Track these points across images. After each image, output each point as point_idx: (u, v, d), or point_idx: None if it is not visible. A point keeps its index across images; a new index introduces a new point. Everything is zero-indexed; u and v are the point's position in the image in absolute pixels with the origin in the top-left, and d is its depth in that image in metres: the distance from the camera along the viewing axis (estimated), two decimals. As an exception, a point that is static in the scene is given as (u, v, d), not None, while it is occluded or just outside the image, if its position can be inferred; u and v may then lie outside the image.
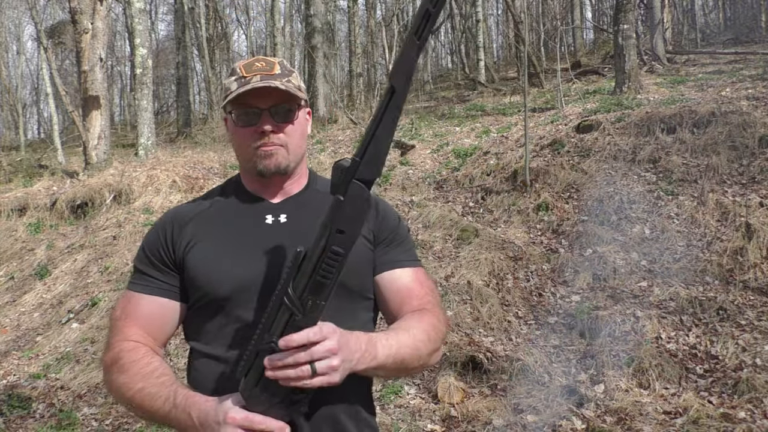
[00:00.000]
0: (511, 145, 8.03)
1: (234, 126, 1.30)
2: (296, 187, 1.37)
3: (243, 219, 1.32)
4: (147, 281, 1.31)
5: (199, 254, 1.28)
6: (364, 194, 1.06)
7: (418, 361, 1.24)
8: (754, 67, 10.16)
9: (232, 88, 1.27)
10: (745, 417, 3.53)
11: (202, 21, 17.44)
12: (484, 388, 4.19)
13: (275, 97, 1.25)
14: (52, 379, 4.90)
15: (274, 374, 1.06)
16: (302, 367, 1.04)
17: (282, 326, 1.07)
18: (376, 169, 1.06)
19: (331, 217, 1.06)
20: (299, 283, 1.07)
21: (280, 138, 1.28)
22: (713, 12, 20.87)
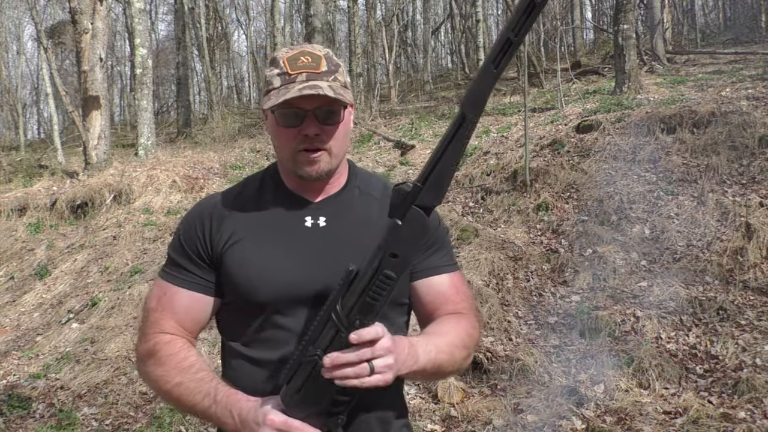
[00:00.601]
0: (511, 145, 8.03)
1: (276, 125, 1.24)
2: (336, 185, 1.31)
3: (282, 220, 1.28)
4: (183, 274, 1.28)
5: (239, 255, 1.25)
6: (422, 221, 1.04)
7: (452, 366, 1.25)
8: (754, 67, 10.16)
9: (275, 84, 1.21)
10: (745, 417, 3.53)
11: (202, 21, 17.45)
12: (484, 388, 4.19)
13: (321, 99, 1.19)
14: (52, 379, 4.90)
15: (332, 374, 1.06)
16: (362, 365, 1.05)
17: (327, 341, 1.09)
18: (438, 196, 1.04)
19: (386, 241, 1.05)
20: (348, 301, 1.07)
21: (324, 141, 1.22)
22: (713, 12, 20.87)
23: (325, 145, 1.22)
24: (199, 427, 4.04)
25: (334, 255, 1.22)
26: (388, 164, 8.87)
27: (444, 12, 24.61)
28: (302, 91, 1.16)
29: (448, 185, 1.05)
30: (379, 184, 1.37)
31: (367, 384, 1.06)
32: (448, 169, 1.03)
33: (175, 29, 17.88)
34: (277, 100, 1.17)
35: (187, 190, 8.66)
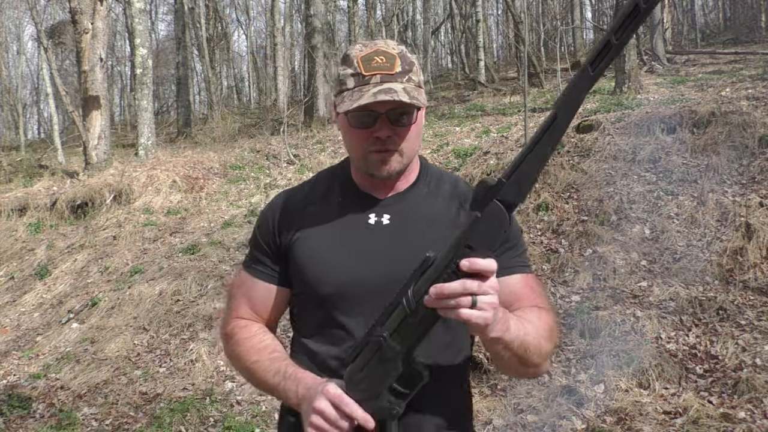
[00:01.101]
0: (511, 145, 8.03)
1: (348, 125, 1.24)
2: (405, 182, 1.32)
3: (347, 216, 1.30)
4: (260, 266, 1.35)
5: (304, 248, 1.29)
6: (501, 216, 1.03)
7: (538, 357, 1.19)
8: (754, 67, 10.17)
9: (348, 84, 1.21)
10: (745, 417, 3.53)
11: (202, 21, 17.45)
12: (484, 388, 4.19)
13: (395, 102, 1.17)
14: (52, 379, 4.90)
15: (433, 301, 1.02)
16: (466, 297, 1.00)
17: (395, 324, 1.09)
18: (521, 193, 1.02)
19: (465, 232, 1.04)
20: (420, 287, 1.07)
21: (396, 143, 1.22)
22: (713, 12, 20.87)
23: (397, 147, 1.22)
24: (199, 427, 4.04)
25: (395, 253, 1.23)
26: (388, 164, 8.86)
27: (444, 12, 24.61)
28: (377, 96, 1.16)
29: (533, 185, 1.05)
30: (449, 182, 1.37)
31: (465, 317, 1.01)
32: (533, 169, 1.02)
33: (175, 29, 17.88)
34: (352, 104, 1.18)
35: (187, 190, 8.66)
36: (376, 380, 1.12)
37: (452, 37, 22.15)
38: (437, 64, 24.99)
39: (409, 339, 1.08)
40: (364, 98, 1.16)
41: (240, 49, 30.96)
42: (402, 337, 1.09)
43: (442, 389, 1.25)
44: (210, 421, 4.11)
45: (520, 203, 1.05)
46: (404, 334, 1.08)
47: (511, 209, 1.04)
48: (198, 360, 4.83)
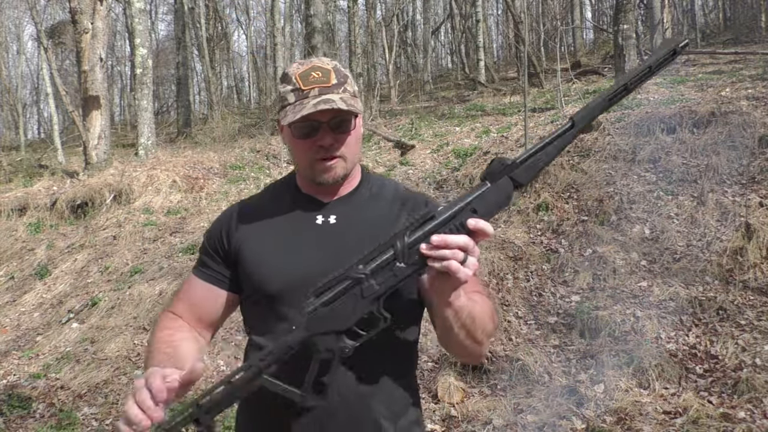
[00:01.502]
0: (511, 145, 8.03)
1: (292, 137, 1.33)
2: (348, 187, 1.41)
3: (294, 218, 1.38)
4: (204, 269, 1.43)
5: (252, 251, 1.36)
6: (509, 191, 1.13)
7: (482, 334, 1.25)
8: (754, 67, 10.16)
9: (290, 99, 1.29)
10: (745, 417, 3.53)
11: (202, 21, 17.45)
12: (484, 388, 4.19)
13: (334, 111, 1.27)
14: (52, 379, 4.90)
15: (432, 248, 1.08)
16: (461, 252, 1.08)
17: (379, 265, 1.12)
18: (529, 178, 1.13)
19: (473, 196, 1.12)
20: (415, 236, 1.11)
21: (339, 150, 1.31)
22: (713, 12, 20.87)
23: (339, 153, 1.31)
24: (199, 427, 4.03)
25: (342, 249, 1.28)
26: (388, 164, 8.86)
27: (444, 12, 24.61)
28: (317, 107, 1.24)
29: (539, 174, 1.16)
30: (390, 187, 1.46)
31: (455, 269, 1.08)
32: (544, 160, 1.13)
33: (175, 29, 17.88)
34: (295, 116, 1.26)
35: (187, 190, 8.66)
36: (343, 317, 1.13)
37: (452, 37, 22.14)
38: (437, 64, 24.99)
39: (387, 282, 1.11)
40: (306, 109, 1.25)
41: (240, 49, 30.98)
42: (382, 280, 1.11)
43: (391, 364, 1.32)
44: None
45: (524, 186, 1.15)
46: (385, 277, 1.11)
47: (517, 189, 1.14)
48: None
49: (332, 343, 1.14)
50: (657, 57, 1.13)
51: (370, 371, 1.29)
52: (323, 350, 1.14)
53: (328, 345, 1.14)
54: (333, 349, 1.14)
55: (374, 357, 1.27)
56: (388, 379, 1.32)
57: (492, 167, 1.13)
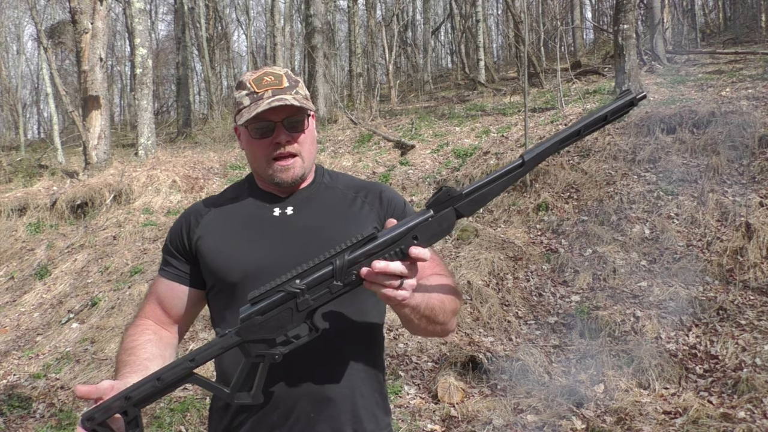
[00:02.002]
0: (511, 145, 8.02)
1: (250, 138, 1.38)
2: (304, 183, 1.47)
3: (252, 212, 1.43)
4: (168, 268, 1.47)
5: (211, 244, 1.40)
6: (451, 222, 1.16)
7: (444, 316, 1.29)
8: (754, 67, 10.16)
9: (245, 103, 1.35)
10: (745, 417, 3.53)
11: (202, 21, 17.44)
12: (484, 388, 4.19)
13: (287, 110, 1.35)
14: (52, 379, 4.90)
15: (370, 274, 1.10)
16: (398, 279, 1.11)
17: (317, 281, 1.14)
18: (472, 210, 1.17)
19: (416, 223, 1.15)
20: (355, 256, 1.14)
21: (294, 147, 1.37)
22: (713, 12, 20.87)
23: (296, 151, 1.38)
24: (199, 427, 4.04)
25: (300, 238, 1.35)
26: (388, 164, 8.86)
27: (444, 12, 24.61)
28: (271, 104, 1.31)
29: (481, 207, 1.19)
30: (344, 180, 1.53)
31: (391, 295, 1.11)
32: (490, 196, 1.17)
33: (175, 29, 17.88)
34: (250, 114, 1.32)
35: (187, 190, 8.66)
36: (275, 327, 1.16)
37: (452, 37, 22.15)
38: (437, 64, 24.98)
39: (322, 298, 1.15)
40: (260, 107, 1.31)
41: (240, 49, 30.98)
42: (317, 295, 1.15)
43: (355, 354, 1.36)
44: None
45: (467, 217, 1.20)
46: (320, 293, 1.14)
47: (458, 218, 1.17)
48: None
49: (263, 348, 1.17)
50: (615, 106, 1.17)
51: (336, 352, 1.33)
52: (254, 355, 1.17)
53: (259, 350, 1.17)
54: (264, 355, 1.17)
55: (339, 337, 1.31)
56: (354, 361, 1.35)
57: (438, 197, 1.16)
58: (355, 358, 1.35)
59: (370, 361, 1.39)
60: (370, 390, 1.38)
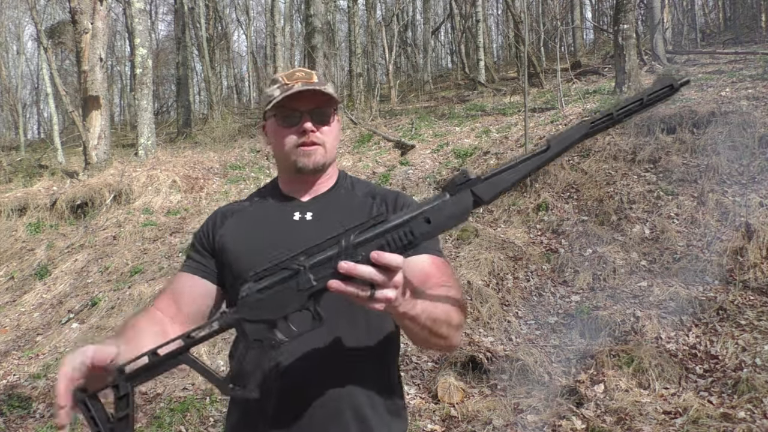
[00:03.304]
0: (511, 145, 8.03)
1: (277, 127, 1.44)
2: (325, 186, 1.50)
3: (274, 216, 1.47)
4: (189, 262, 1.51)
5: (232, 245, 1.44)
6: (468, 205, 1.08)
7: (447, 329, 1.25)
8: (754, 67, 10.16)
9: (276, 94, 1.41)
10: (745, 417, 3.53)
11: (202, 21, 17.44)
12: (484, 388, 4.19)
13: (315, 102, 1.41)
14: (52, 379, 4.90)
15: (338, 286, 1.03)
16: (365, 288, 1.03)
17: (322, 260, 1.07)
18: (491, 195, 1.08)
19: (431, 207, 1.08)
20: (363, 236, 1.07)
21: (319, 137, 1.42)
22: (713, 12, 20.87)
23: (320, 140, 1.42)
24: (199, 427, 4.04)
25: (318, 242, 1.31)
26: (388, 164, 8.86)
27: (444, 12, 24.61)
28: (300, 89, 1.37)
29: (502, 194, 1.10)
30: (364, 187, 1.55)
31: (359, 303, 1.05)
32: (510, 180, 1.09)
33: (175, 29, 17.88)
34: (281, 96, 1.38)
35: (187, 190, 8.66)
36: (276, 307, 1.10)
37: (452, 37, 22.15)
38: (437, 64, 24.98)
39: (326, 279, 1.06)
40: (291, 91, 1.37)
41: (240, 49, 30.98)
42: (321, 276, 1.07)
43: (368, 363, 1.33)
44: (210, 421, 4.11)
45: (485, 204, 1.09)
46: (325, 273, 1.06)
47: (477, 205, 1.09)
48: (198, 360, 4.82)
49: (262, 332, 1.10)
50: (652, 90, 1.07)
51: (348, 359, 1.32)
52: (251, 338, 1.11)
53: (257, 334, 1.10)
54: (261, 339, 1.10)
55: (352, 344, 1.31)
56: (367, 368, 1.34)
57: (455, 179, 1.09)
58: (369, 367, 1.34)
59: (384, 369, 1.38)
60: (383, 399, 1.36)
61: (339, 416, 1.30)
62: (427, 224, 1.07)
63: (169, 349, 1.13)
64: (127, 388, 1.12)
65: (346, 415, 1.31)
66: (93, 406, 1.14)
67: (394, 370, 1.43)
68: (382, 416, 1.35)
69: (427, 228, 1.07)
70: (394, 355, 1.44)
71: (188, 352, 1.14)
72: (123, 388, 1.12)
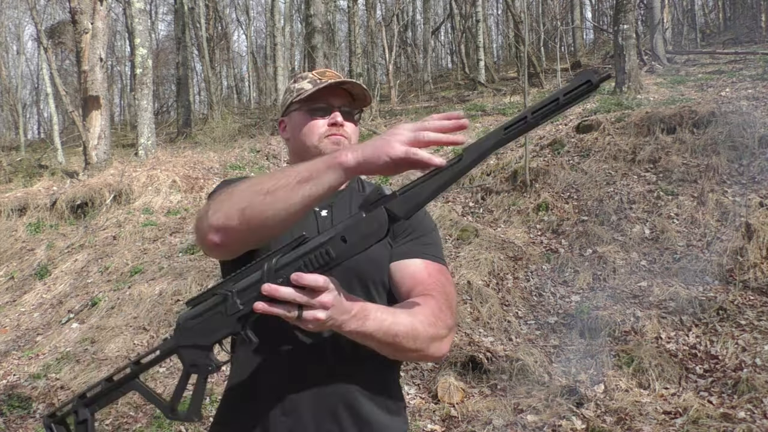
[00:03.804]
0: (510, 145, 8.03)
1: (304, 116, 1.44)
2: None
3: None
4: None
5: None
6: (382, 222, 1.07)
7: (415, 343, 1.21)
8: (754, 67, 10.16)
9: (307, 87, 1.43)
10: (745, 417, 3.53)
11: (202, 21, 17.44)
12: (484, 388, 4.19)
13: (345, 99, 1.45)
14: (52, 379, 4.90)
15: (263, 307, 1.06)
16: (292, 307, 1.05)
17: (246, 285, 1.11)
18: (408, 211, 1.07)
19: (345, 225, 1.09)
20: (285, 259, 1.10)
21: (347, 131, 1.44)
22: (713, 12, 20.87)
23: (347, 135, 1.44)
24: (199, 428, 4.04)
25: None
26: (388, 164, 8.85)
27: (444, 12, 24.60)
28: (336, 80, 1.40)
29: (421, 207, 1.08)
30: (371, 187, 1.52)
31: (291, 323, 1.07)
32: (427, 194, 1.06)
33: (175, 29, 17.89)
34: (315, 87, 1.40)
35: (187, 190, 8.66)
36: (208, 332, 1.14)
37: (452, 37, 22.15)
38: (437, 64, 24.98)
39: (251, 303, 1.09)
40: (327, 82, 1.39)
41: (240, 49, 30.98)
42: (247, 299, 1.10)
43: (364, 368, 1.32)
44: (210, 421, 4.11)
45: (403, 219, 1.08)
46: (250, 296, 1.10)
47: (393, 221, 1.07)
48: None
49: (199, 357, 1.14)
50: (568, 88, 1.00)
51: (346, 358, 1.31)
52: (188, 364, 1.15)
53: (194, 359, 1.14)
54: (197, 364, 1.14)
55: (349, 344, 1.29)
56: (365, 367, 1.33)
57: (369, 196, 1.09)
58: (368, 367, 1.34)
59: (383, 369, 1.38)
60: (382, 399, 1.36)
61: (338, 416, 1.30)
62: (343, 243, 1.07)
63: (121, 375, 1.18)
64: (86, 414, 1.17)
65: (346, 415, 1.30)
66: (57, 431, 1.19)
67: (393, 369, 1.43)
68: (381, 416, 1.35)
69: (343, 247, 1.07)
70: (393, 368, 1.43)
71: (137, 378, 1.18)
72: (82, 414, 1.17)
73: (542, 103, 1.01)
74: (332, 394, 1.30)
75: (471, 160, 1.04)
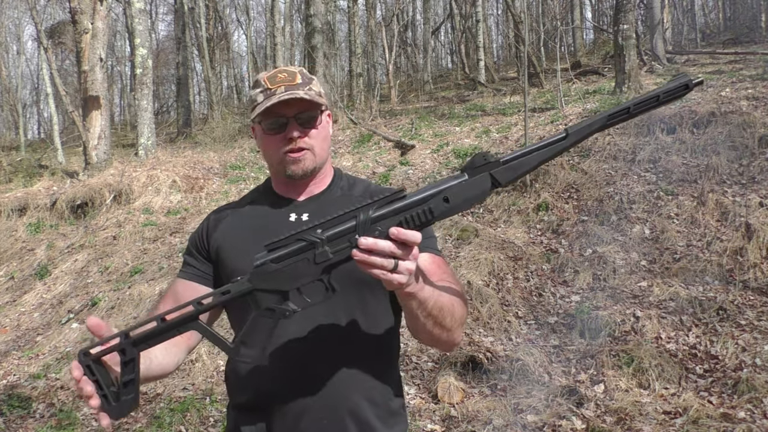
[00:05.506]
0: (511, 145, 8.03)
1: (263, 134, 1.41)
2: (320, 186, 1.47)
3: (269, 217, 1.44)
4: (185, 268, 1.49)
5: (227, 247, 1.43)
6: (486, 187, 1.10)
7: (451, 320, 1.25)
8: (754, 67, 10.16)
9: (259, 100, 1.38)
10: (745, 417, 3.53)
11: (202, 21, 17.44)
12: (484, 388, 4.19)
13: (300, 106, 1.37)
14: (52, 379, 4.90)
15: (362, 257, 1.04)
16: (390, 259, 1.05)
17: (338, 234, 1.09)
18: (511, 178, 1.10)
19: (448, 186, 1.09)
20: (381, 211, 1.09)
21: (306, 142, 1.39)
22: (713, 12, 20.87)
23: (307, 145, 1.39)
24: (199, 427, 4.04)
25: None
26: (388, 164, 8.86)
27: (444, 12, 24.60)
28: (281, 98, 1.34)
29: (521, 177, 1.12)
30: (361, 186, 1.52)
31: (385, 278, 1.06)
32: (530, 165, 1.11)
33: (175, 29, 17.89)
34: (262, 107, 1.35)
35: (187, 190, 8.66)
36: (289, 278, 1.10)
37: (452, 37, 22.15)
38: (437, 64, 24.98)
39: (342, 254, 1.08)
40: (272, 101, 1.34)
41: (240, 49, 30.97)
42: (337, 249, 1.08)
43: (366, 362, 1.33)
44: (210, 421, 4.11)
45: (502, 187, 1.13)
46: (341, 246, 1.08)
47: (494, 188, 1.11)
48: (198, 360, 4.83)
49: (274, 302, 1.11)
50: (668, 89, 1.10)
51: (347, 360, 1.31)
52: (263, 308, 1.12)
53: (269, 303, 1.11)
54: (274, 309, 1.11)
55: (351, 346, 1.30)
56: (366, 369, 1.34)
57: (473, 161, 1.10)
58: (369, 366, 1.34)
59: (384, 369, 1.38)
60: (383, 398, 1.36)
61: (338, 416, 1.30)
62: (446, 203, 1.08)
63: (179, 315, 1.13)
64: (134, 353, 1.13)
65: (346, 415, 1.31)
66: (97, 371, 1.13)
67: (394, 369, 1.43)
68: (382, 416, 1.35)
69: (445, 207, 1.09)
70: (393, 354, 1.44)
71: (198, 319, 1.13)
72: (129, 353, 1.12)
73: (644, 98, 1.09)
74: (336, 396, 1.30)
75: (574, 140, 1.10)
